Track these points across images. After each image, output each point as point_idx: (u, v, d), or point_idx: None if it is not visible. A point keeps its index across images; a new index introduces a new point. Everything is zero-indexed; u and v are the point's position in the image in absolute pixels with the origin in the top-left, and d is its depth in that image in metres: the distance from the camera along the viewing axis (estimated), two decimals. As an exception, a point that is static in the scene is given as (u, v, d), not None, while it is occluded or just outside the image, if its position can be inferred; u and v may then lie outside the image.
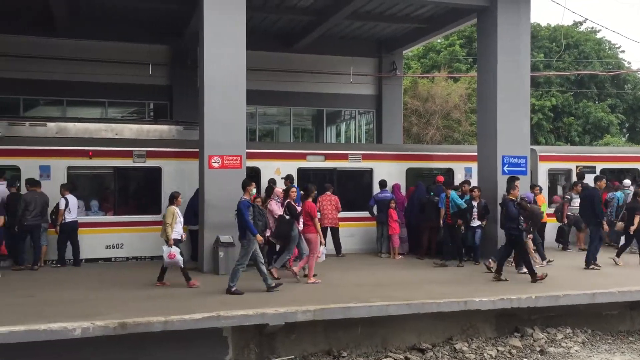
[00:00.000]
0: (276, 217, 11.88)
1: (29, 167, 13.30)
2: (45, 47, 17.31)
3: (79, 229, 13.24)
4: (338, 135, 22.98)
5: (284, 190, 12.44)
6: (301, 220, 11.49)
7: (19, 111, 17.84)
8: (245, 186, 10.49)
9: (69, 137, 13.92)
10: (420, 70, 33.81)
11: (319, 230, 11.50)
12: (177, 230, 10.81)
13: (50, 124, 13.99)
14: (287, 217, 11.56)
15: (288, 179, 13.60)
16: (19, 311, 8.52)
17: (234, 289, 9.85)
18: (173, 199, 11.05)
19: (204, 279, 11.24)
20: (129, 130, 14.68)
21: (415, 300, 9.38)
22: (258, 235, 10.02)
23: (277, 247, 12.21)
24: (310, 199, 11.51)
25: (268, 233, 11.65)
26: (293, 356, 8.79)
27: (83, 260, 13.31)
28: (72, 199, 12.99)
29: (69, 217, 12.90)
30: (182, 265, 10.64)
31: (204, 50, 12.33)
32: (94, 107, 18.82)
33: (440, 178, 14.74)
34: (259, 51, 16.48)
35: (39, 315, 8.22)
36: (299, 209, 11.59)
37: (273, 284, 10.17)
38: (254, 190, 10.77)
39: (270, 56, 19.32)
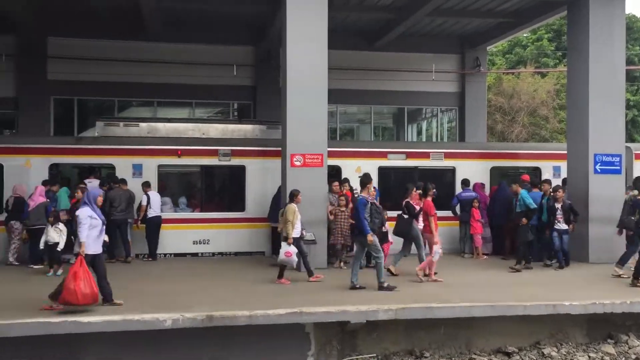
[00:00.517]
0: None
1: (122, 165, 14.02)
2: (138, 52, 18.17)
3: (167, 224, 13.86)
4: (419, 133, 22.72)
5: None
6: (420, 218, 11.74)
7: (113, 112, 18.83)
8: (365, 183, 10.49)
9: (159, 136, 14.53)
10: (505, 66, 32.80)
11: (433, 229, 11.54)
12: (297, 229, 10.90)
13: (143, 125, 14.66)
14: (406, 216, 11.66)
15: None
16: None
17: (357, 285, 10.10)
18: (293, 196, 11.06)
19: (296, 275, 11.35)
20: (215, 129, 15.15)
21: (500, 302, 9.13)
22: (369, 235, 10.04)
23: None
24: (429, 198, 11.68)
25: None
26: (374, 354, 8.79)
27: (161, 255, 13.93)
28: (154, 195, 13.60)
29: (152, 213, 13.49)
30: (295, 266, 10.78)
31: (287, 50, 12.54)
32: (182, 107, 19.56)
33: (526, 177, 14.25)
34: (340, 50, 16.55)
35: (132, 306, 8.65)
36: (417, 208, 11.65)
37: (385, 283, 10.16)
38: (371, 189, 10.76)
39: (351, 55, 19.38)
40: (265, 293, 9.80)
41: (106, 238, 9.09)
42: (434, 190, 12.09)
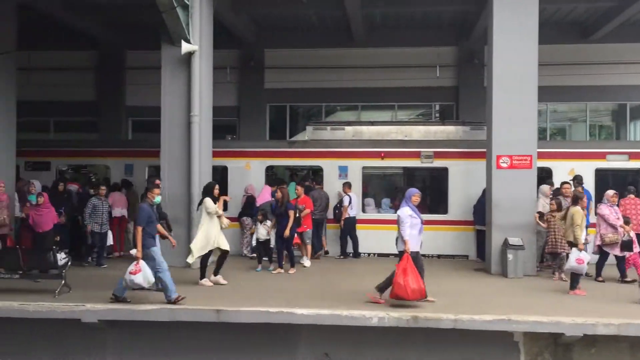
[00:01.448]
0: (610, 223, 11.00)
1: (329, 167, 14.75)
2: (344, 58, 18.94)
3: (371, 225, 14.26)
4: (644, 131, 20.40)
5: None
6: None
7: (321, 117, 19.87)
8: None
9: (363, 139, 14.99)
10: None
11: None
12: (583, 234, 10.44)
13: (348, 128, 15.25)
14: None
15: (576, 180, 12.63)
16: (320, 296, 9.52)
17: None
18: (578, 199, 10.61)
19: (492, 281, 11.06)
20: (417, 131, 15.20)
21: None
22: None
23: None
24: None
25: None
26: (592, 372, 8.13)
27: (363, 254, 14.30)
28: (354, 196, 14.08)
29: (351, 213, 13.96)
30: (584, 274, 10.36)
31: (493, 47, 12.15)
32: (385, 110, 19.95)
33: None
34: (549, 44, 15.53)
35: (340, 301, 9.05)
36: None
37: None
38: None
39: (561, 49, 18.07)
40: (469, 297, 9.59)
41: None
42: None
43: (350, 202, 13.96)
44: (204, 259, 10.62)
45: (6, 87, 13.17)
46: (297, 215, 12.18)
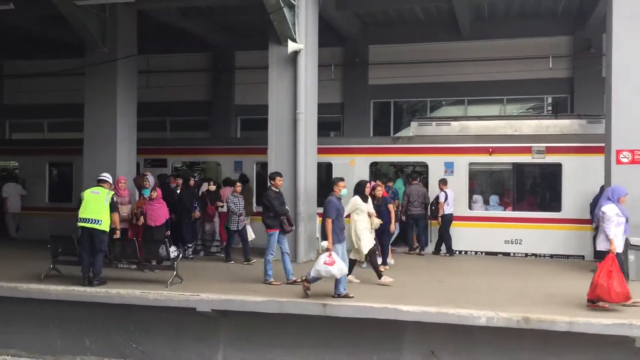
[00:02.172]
0: None
1: (435, 164, 14.51)
2: (450, 52, 18.54)
3: (479, 222, 13.93)
4: None
5: None
6: None
7: (426, 112, 19.59)
8: None
9: (470, 135, 14.61)
10: None
11: None
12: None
13: (454, 123, 14.91)
14: None
15: None
16: (430, 294, 9.40)
17: None
18: None
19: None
20: (528, 126, 14.58)
21: None
22: None
23: None
24: None
25: None
26: None
27: (467, 253, 14.01)
28: (450, 193, 13.77)
29: (448, 210, 13.69)
30: None
31: (613, 35, 11.40)
32: (493, 104, 19.32)
33: None
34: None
35: (449, 300, 8.89)
36: None
37: None
38: None
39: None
40: (584, 299, 9.07)
41: None
42: None
43: (446, 199, 13.69)
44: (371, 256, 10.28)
45: (128, 90, 14.11)
46: None
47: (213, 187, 13.64)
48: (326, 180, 15.17)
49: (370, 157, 15.10)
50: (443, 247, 13.96)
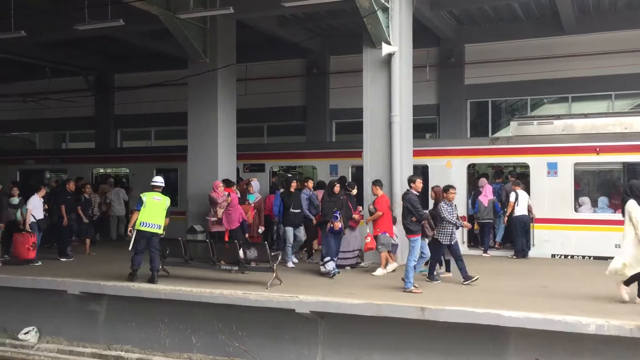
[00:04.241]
0: None
1: (536, 164, 13.94)
2: (552, 48, 17.79)
3: (585, 225, 13.32)
4: None
5: None
6: None
7: (526, 111, 18.89)
8: None
9: (575, 133, 13.92)
10: None
11: None
12: None
13: (557, 122, 14.25)
14: None
15: None
16: (534, 300, 9.05)
17: None
18: None
19: None
20: (640, 123, 13.69)
21: None
22: None
23: None
24: None
25: None
26: None
27: (561, 256, 13.54)
28: (522, 194, 13.38)
29: (519, 212, 13.30)
30: None
31: None
32: (600, 101, 18.30)
33: None
34: None
35: (554, 305, 8.52)
36: None
37: None
38: None
39: None
40: None
41: None
42: None
43: (517, 199, 13.28)
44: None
45: (228, 98, 14.67)
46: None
47: (354, 192, 12.24)
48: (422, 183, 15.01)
49: (467, 158, 14.76)
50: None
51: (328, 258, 11.12)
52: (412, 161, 13.37)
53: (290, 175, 15.06)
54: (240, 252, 10.59)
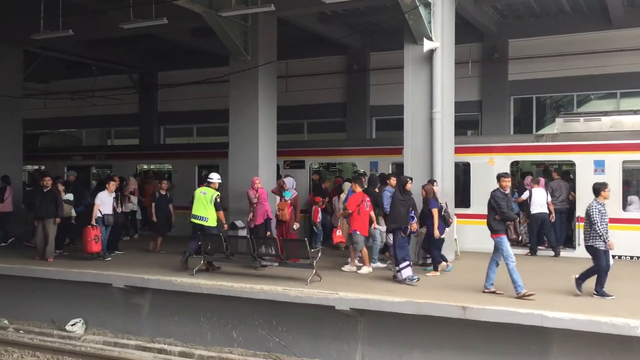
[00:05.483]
0: None
1: (583, 162, 13.59)
2: (599, 42, 17.30)
3: (633, 225, 12.95)
4: None
5: None
6: None
7: (572, 107, 18.42)
8: None
9: (623, 130, 13.49)
10: None
11: None
12: None
13: (605, 118, 13.84)
14: None
15: None
16: (580, 300, 8.86)
17: None
18: None
19: None
20: (689, 120, 13.19)
21: None
22: None
23: None
24: None
25: None
26: None
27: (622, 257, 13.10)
28: (538, 191, 13.45)
29: (537, 209, 13.32)
30: None
31: None
32: (649, 96, 17.73)
33: None
34: None
35: (601, 307, 8.30)
36: None
37: None
38: None
39: None
40: None
41: None
42: None
43: (530, 197, 13.28)
44: None
45: (268, 95, 14.73)
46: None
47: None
48: (463, 181, 14.82)
49: (510, 155, 14.48)
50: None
51: (406, 263, 10.35)
52: (453, 158, 13.20)
53: (362, 171, 14.74)
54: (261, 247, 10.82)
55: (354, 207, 11.43)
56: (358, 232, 11.36)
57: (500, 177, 9.76)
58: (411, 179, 11.00)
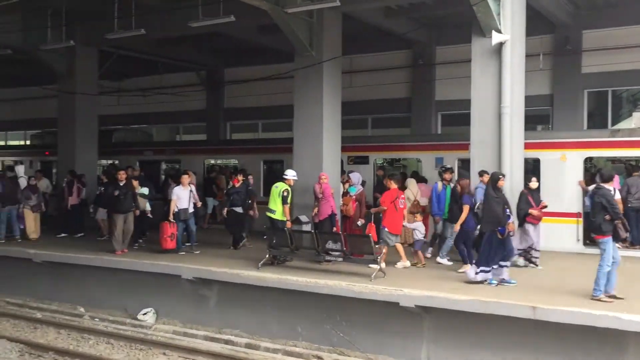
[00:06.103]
0: None
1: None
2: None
3: None
4: None
5: None
6: None
7: (651, 101, 17.57)
8: None
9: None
10: None
11: None
12: None
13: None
14: None
15: None
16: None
17: None
18: None
19: None
20: None
21: None
22: None
23: None
24: None
25: None
26: None
27: None
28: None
29: None
30: None
31: None
32: None
33: None
34: None
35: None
36: None
37: None
38: None
39: None
40: None
41: None
42: None
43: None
44: None
45: (333, 90, 14.75)
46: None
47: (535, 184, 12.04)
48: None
49: (584, 151, 13.90)
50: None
51: (487, 268, 9.85)
52: (522, 154, 12.80)
53: (449, 166, 14.31)
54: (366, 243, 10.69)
55: (388, 204, 11.38)
56: (387, 229, 11.28)
57: (605, 174, 9.11)
58: (504, 175, 10.63)
